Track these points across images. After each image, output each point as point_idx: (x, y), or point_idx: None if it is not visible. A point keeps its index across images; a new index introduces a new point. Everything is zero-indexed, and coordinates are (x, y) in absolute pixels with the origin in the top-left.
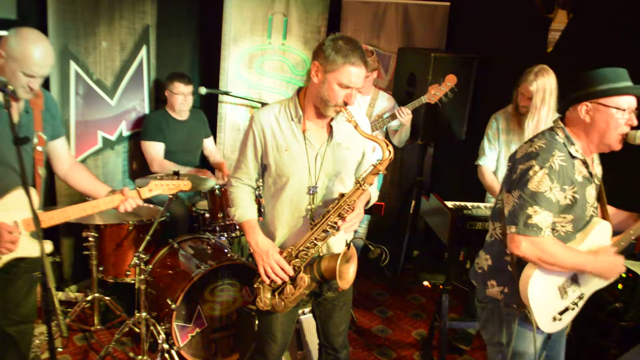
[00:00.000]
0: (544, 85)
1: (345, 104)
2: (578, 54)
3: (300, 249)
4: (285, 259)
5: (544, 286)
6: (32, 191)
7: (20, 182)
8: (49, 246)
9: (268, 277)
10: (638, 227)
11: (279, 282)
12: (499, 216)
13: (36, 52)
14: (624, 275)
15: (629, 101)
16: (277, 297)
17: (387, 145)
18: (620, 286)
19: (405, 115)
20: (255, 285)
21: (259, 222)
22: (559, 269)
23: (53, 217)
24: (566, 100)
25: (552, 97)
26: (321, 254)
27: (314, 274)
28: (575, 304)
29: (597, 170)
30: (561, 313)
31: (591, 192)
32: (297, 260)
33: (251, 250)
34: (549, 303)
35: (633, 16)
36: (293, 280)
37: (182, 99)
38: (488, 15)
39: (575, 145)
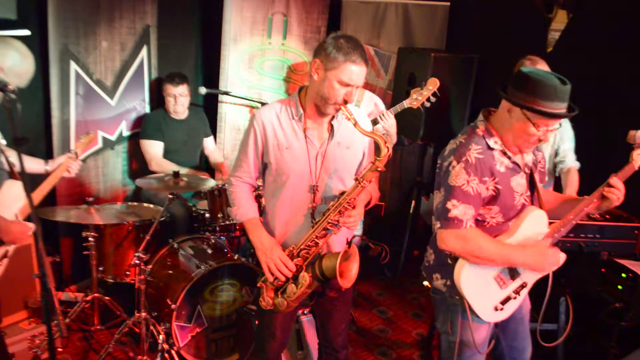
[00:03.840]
0: (544, 67)
1: (345, 102)
2: (578, 54)
3: (302, 247)
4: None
5: (478, 277)
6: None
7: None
8: (32, 226)
9: (272, 273)
10: (578, 211)
11: (282, 278)
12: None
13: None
14: (624, 275)
15: (552, 123)
16: (280, 296)
17: (385, 142)
18: (620, 286)
19: (387, 120)
20: (258, 284)
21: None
22: (489, 263)
23: (38, 196)
24: (505, 94)
25: None
26: (322, 253)
27: (315, 272)
28: (518, 292)
29: (528, 159)
30: (503, 302)
31: (519, 181)
32: (299, 258)
33: (252, 250)
34: (487, 293)
35: (633, 16)
36: (295, 279)
37: (173, 100)
38: (488, 15)
39: (494, 137)
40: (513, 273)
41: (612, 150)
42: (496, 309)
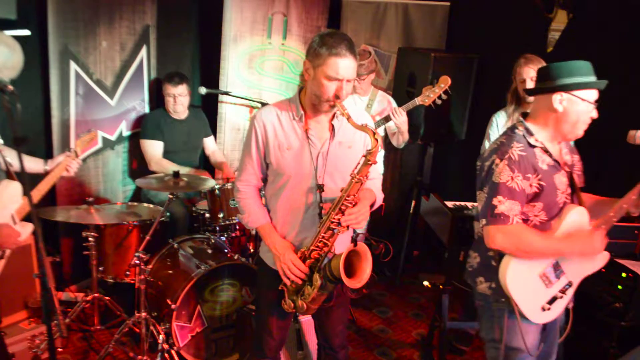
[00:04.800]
0: (539, 65)
1: (337, 97)
2: (578, 54)
3: (312, 248)
4: (300, 260)
5: (523, 275)
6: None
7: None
8: (30, 228)
9: (287, 277)
10: (618, 209)
11: (298, 281)
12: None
13: None
14: (624, 275)
15: (595, 95)
16: (299, 298)
17: (374, 134)
18: (620, 286)
19: (399, 116)
20: (279, 288)
21: None
22: (538, 256)
23: (36, 196)
24: (537, 88)
25: None
26: (335, 253)
27: (326, 273)
28: (564, 292)
29: (567, 158)
30: (550, 302)
31: (561, 179)
32: (311, 260)
33: (252, 250)
34: (534, 292)
35: (633, 16)
36: (310, 281)
37: (172, 100)
38: (488, 15)
39: (535, 135)
40: (557, 271)
41: (612, 150)
42: (543, 309)
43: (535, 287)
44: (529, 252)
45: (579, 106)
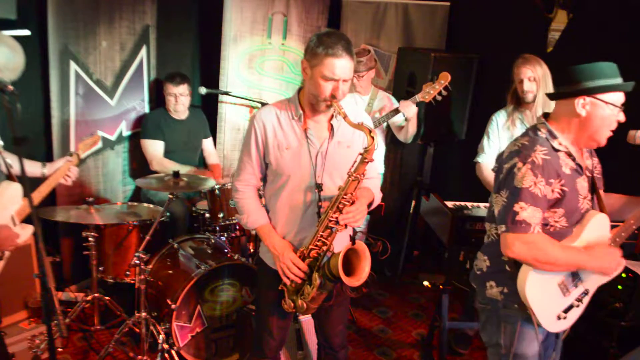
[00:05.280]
0: (536, 65)
1: (334, 97)
2: (578, 54)
3: (311, 247)
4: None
5: (543, 284)
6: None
7: None
8: (30, 230)
9: (287, 277)
10: (638, 216)
11: (298, 280)
12: (492, 217)
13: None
14: (624, 275)
15: (621, 98)
16: (299, 298)
17: (370, 132)
18: (620, 286)
19: (408, 108)
20: (279, 287)
21: None
22: (557, 268)
23: (36, 198)
24: (558, 93)
25: (548, 76)
26: (333, 252)
27: (325, 272)
28: (580, 300)
29: (588, 162)
30: (566, 311)
31: (582, 184)
32: (310, 259)
33: (252, 250)
34: (551, 301)
35: (633, 16)
36: (309, 280)
37: (173, 99)
38: (488, 15)
39: (558, 138)
40: (575, 280)
41: (611, 150)
42: (559, 318)
43: (553, 296)
44: (547, 263)
45: (604, 110)
